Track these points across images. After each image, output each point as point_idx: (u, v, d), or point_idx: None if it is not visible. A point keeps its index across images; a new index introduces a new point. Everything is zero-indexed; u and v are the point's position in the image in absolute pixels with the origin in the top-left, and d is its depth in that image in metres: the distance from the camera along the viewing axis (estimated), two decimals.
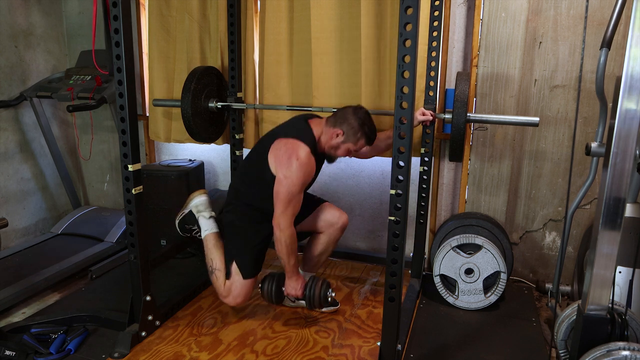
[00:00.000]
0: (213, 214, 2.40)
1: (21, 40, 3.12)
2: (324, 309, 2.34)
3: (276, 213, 2.07)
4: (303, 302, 2.25)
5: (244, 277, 2.19)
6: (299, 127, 2.17)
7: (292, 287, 2.16)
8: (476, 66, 2.55)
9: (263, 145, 2.18)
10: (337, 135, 2.12)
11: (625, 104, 1.39)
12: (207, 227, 2.35)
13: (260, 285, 2.25)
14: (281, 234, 2.06)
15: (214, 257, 2.28)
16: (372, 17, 2.49)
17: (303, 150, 2.06)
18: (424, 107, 2.33)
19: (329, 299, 2.19)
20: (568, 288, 2.51)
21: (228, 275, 2.22)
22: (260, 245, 2.25)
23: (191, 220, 2.40)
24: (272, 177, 2.09)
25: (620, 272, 1.99)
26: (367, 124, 2.13)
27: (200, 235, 2.37)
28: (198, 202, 2.40)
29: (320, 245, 2.35)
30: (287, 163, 2.04)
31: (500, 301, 2.42)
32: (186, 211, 2.41)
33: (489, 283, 2.40)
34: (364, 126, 2.11)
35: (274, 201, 2.07)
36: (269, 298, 2.23)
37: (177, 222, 2.43)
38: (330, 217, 2.32)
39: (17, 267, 2.70)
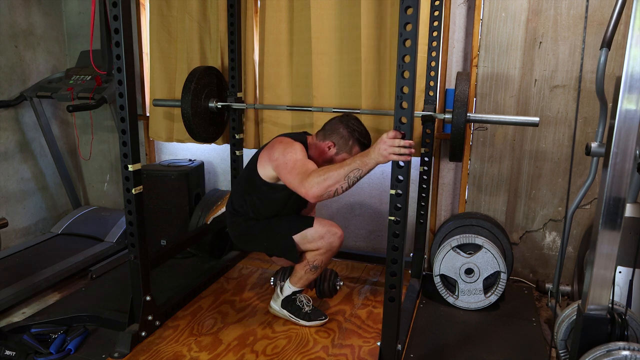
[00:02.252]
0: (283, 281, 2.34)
1: (21, 40, 3.12)
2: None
3: (296, 187, 1.90)
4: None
5: (299, 232, 2.13)
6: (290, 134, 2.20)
7: (383, 149, 1.63)
8: (476, 66, 2.55)
9: (252, 159, 2.19)
10: (329, 148, 2.10)
11: (625, 104, 1.39)
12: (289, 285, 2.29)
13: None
14: (317, 186, 1.81)
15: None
16: (372, 17, 2.49)
17: (289, 139, 2.07)
18: (424, 107, 2.33)
19: (338, 287, 2.31)
20: (568, 288, 2.51)
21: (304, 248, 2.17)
22: (285, 222, 2.18)
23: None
24: (263, 182, 2.10)
25: (620, 272, 1.99)
26: (357, 129, 2.10)
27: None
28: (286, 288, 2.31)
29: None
30: (274, 149, 2.04)
31: (500, 301, 2.42)
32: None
33: (489, 283, 2.40)
34: (354, 132, 2.08)
35: (289, 184, 1.95)
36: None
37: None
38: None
39: (17, 267, 2.70)
